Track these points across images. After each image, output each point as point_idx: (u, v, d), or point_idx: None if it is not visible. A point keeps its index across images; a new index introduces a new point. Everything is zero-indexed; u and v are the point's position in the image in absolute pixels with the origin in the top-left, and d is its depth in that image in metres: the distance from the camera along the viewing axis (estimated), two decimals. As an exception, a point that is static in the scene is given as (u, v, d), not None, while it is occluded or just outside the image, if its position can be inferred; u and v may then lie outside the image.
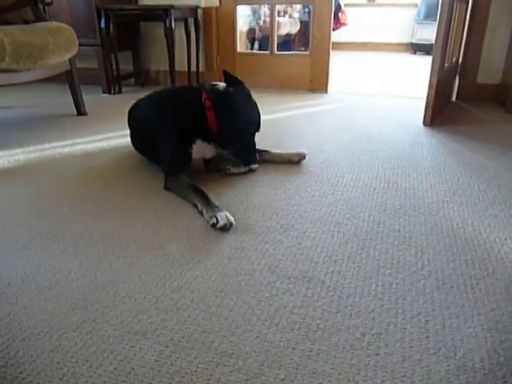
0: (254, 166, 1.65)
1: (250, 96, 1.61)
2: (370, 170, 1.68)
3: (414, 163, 1.75)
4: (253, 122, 1.62)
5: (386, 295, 0.94)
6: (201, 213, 1.29)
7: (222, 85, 1.59)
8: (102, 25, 3.08)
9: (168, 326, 0.85)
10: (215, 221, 1.20)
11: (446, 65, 2.46)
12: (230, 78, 1.59)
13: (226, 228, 1.19)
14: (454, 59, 2.76)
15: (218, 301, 0.92)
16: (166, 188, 1.49)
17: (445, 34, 2.23)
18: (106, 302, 0.92)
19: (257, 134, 1.65)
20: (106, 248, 1.13)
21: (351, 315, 0.88)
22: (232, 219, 1.21)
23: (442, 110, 2.61)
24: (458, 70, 2.99)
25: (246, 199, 1.42)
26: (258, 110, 1.63)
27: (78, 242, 1.16)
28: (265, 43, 4.39)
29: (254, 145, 1.63)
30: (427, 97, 2.32)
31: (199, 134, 1.54)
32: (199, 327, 0.84)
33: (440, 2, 2.18)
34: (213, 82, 1.63)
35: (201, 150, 1.57)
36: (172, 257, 1.09)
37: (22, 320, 0.87)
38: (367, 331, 0.83)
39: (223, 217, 1.20)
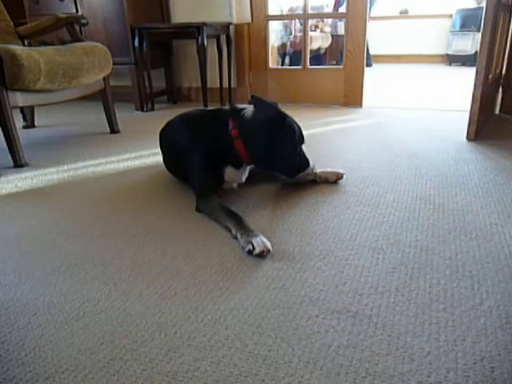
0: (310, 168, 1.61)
1: (282, 115, 1.48)
2: (413, 190, 1.57)
3: (460, 182, 1.64)
4: (289, 139, 1.49)
5: (442, 335, 0.84)
6: (235, 237, 1.22)
7: (249, 109, 1.49)
8: (136, 43, 3.11)
9: (201, 366, 0.78)
10: (251, 247, 1.13)
11: (489, 76, 2.33)
12: (257, 102, 1.46)
13: (264, 255, 1.12)
14: (497, 70, 2.63)
15: (255, 338, 0.84)
16: (198, 210, 1.44)
17: (489, 45, 2.10)
18: (135, 336, 0.86)
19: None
20: (136, 275, 1.08)
21: (404, 359, 0.78)
22: (269, 245, 1.14)
23: (486, 124, 2.48)
24: (502, 81, 2.84)
25: (281, 222, 1.35)
26: (294, 125, 1.51)
27: (108, 268, 1.11)
28: (296, 58, 4.36)
29: (299, 154, 1.53)
30: (471, 110, 2.20)
31: (228, 161, 1.50)
32: (235, 369, 0.77)
33: (484, 12, 2.07)
34: (241, 106, 1.53)
35: (232, 175, 1.52)
36: (205, 286, 1.02)
37: (46, 356, 0.81)
38: (424, 379, 0.73)
39: (259, 243, 1.13)
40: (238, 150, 1.46)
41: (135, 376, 0.76)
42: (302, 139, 1.54)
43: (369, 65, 5.74)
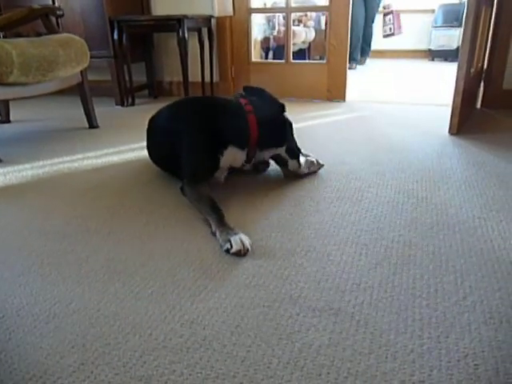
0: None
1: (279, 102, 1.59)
2: (396, 184, 1.56)
3: (443, 175, 1.63)
4: (289, 124, 1.61)
5: (425, 332, 0.82)
6: (214, 234, 1.18)
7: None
8: (115, 36, 3.04)
9: (177, 369, 0.74)
10: (229, 246, 1.09)
11: (471, 71, 2.33)
12: (252, 90, 1.63)
13: (241, 254, 1.08)
14: (479, 65, 2.63)
15: (233, 339, 0.81)
16: (183, 191, 1.42)
17: (471, 39, 2.10)
18: (108, 339, 0.82)
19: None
20: (111, 273, 1.04)
21: (387, 357, 0.76)
22: (248, 244, 1.10)
23: (468, 118, 2.48)
24: (483, 75, 2.85)
25: (263, 217, 1.32)
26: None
27: (82, 267, 1.07)
28: (279, 52, 4.32)
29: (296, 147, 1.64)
30: (453, 104, 2.19)
31: (234, 138, 1.46)
32: (212, 372, 0.73)
33: (466, 6, 2.06)
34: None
35: (231, 157, 1.48)
36: (183, 284, 0.98)
37: (13, 361, 0.77)
38: (407, 378, 0.71)
39: (237, 241, 1.09)
40: (251, 125, 1.46)
41: (107, 381, 0.72)
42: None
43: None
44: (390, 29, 6.04)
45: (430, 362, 0.75)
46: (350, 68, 4.48)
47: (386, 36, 6.12)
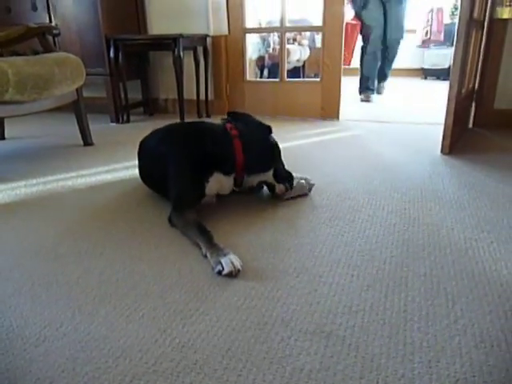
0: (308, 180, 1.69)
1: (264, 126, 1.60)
2: (389, 204, 1.57)
3: (434, 196, 1.64)
4: (277, 148, 1.62)
5: (416, 356, 0.82)
6: (205, 256, 1.18)
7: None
8: (111, 54, 3.06)
9: (166, 395, 0.74)
10: (221, 268, 1.09)
11: (463, 91, 2.37)
12: (236, 115, 1.64)
13: (233, 275, 1.08)
14: (470, 85, 2.67)
15: (224, 363, 0.81)
16: (170, 222, 1.39)
17: (462, 60, 2.14)
18: (98, 363, 0.81)
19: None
20: (102, 295, 1.03)
21: (377, 382, 0.76)
22: (238, 264, 1.10)
23: (460, 138, 2.51)
24: (475, 95, 2.90)
25: (254, 238, 1.32)
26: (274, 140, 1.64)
27: (73, 289, 1.06)
28: (274, 71, 4.38)
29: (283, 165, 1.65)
30: (445, 124, 2.22)
31: (219, 164, 1.45)
32: (202, 397, 0.73)
33: (456, 28, 2.10)
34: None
35: (217, 184, 1.48)
36: (174, 307, 0.98)
37: (1, 387, 0.76)
38: (398, 404, 0.71)
39: (228, 263, 1.09)
40: (237, 150, 1.46)
41: (95, 407, 0.72)
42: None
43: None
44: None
45: (421, 387, 0.74)
46: (364, 100, 4.05)
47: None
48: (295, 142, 2.52)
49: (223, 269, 1.09)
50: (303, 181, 1.66)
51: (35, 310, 0.98)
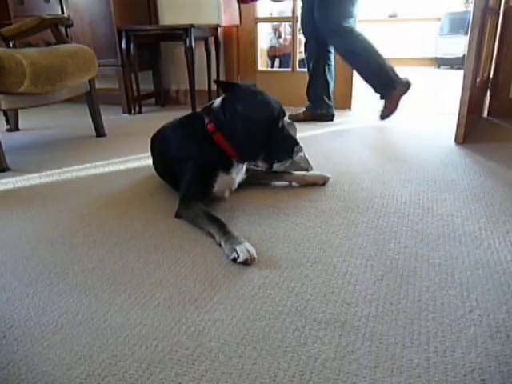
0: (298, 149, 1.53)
1: (252, 92, 1.42)
2: (402, 194, 1.56)
3: (449, 186, 1.63)
4: (271, 114, 1.39)
5: (431, 346, 0.82)
6: (219, 245, 1.19)
7: (218, 99, 1.46)
8: (123, 45, 3.07)
9: (182, 382, 0.74)
10: (236, 255, 1.10)
11: (477, 80, 2.33)
12: (225, 87, 1.44)
13: (248, 263, 1.09)
14: (485, 74, 2.63)
15: (239, 351, 0.81)
16: (178, 216, 1.39)
17: (476, 48, 2.10)
18: (115, 350, 0.83)
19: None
20: (117, 284, 1.05)
21: (392, 371, 0.76)
22: (254, 252, 1.11)
23: (474, 127, 2.47)
24: (489, 84, 2.85)
25: (268, 228, 1.32)
26: (268, 100, 1.42)
27: (89, 278, 1.08)
28: (286, 61, 4.34)
29: (282, 131, 1.43)
30: (459, 114, 2.19)
31: (218, 164, 1.42)
32: (218, 385, 0.74)
33: (471, 16, 2.06)
34: (213, 100, 1.49)
35: (225, 183, 1.46)
36: (189, 296, 0.99)
37: (21, 372, 0.78)
38: (413, 393, 0.71)
39: (244, 250, 1.10)
40: (220, 145, 1.40)
41: (113, 393, 0.73)
42: (283, 114, 1.43)
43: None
44: None
45: (436, 376, 0.74)
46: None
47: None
48: (307, 133, 2.51)
49: (238, 256, 1.09)
50: (302, 154, 1.66)
51: (52, 298, 1.00)
